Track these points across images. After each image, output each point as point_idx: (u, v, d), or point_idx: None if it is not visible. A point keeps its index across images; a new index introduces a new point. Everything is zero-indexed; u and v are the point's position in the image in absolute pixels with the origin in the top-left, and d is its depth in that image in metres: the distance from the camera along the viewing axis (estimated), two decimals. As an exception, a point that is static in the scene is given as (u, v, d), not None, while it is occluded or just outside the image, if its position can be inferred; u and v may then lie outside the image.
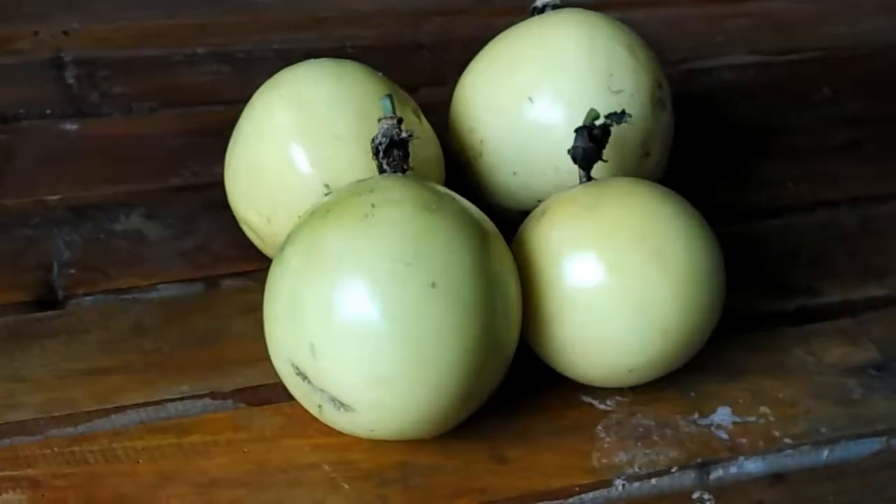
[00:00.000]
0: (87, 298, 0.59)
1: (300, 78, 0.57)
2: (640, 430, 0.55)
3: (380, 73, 0.58)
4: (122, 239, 0.62)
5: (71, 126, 0.70)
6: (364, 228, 0.48)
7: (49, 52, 0.76)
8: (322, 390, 0.49)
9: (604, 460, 0.53)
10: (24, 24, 0.77)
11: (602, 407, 0.56)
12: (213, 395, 0.54)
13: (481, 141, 0.61)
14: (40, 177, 0.66)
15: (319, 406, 0.50)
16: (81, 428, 0.53)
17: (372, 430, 0.50)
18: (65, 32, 0.77)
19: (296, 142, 0.55)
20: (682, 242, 0.52)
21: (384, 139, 0.52)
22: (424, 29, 0.82)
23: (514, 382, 0.56)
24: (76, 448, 0.51)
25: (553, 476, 0.52)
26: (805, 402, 0.57)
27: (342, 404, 0.49)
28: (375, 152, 0.52)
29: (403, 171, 0.52)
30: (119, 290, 0.59)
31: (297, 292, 0.49)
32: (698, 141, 0.74)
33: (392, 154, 0.52)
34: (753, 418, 0.56)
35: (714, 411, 0.56)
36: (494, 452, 0.53)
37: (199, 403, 0.54)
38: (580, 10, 0.62)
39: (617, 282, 0.52)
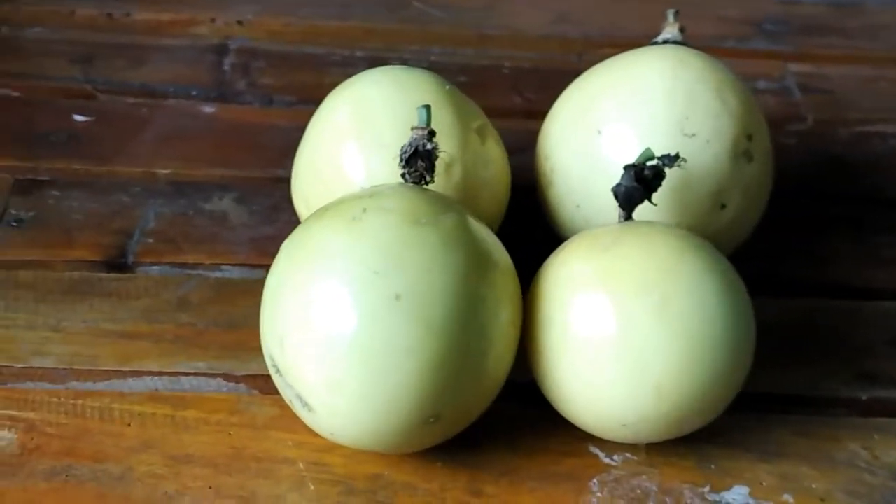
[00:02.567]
0: (153, 267, 0.61)
1: (366, 81, 0.58)
2: (638, 492, 0.52)
3: (448, 86, 0.57)
4: (206, 218, 0.65)
5: (209, 108, 0.73)
6: (347, 231, 0.48)
7: (219, 38, 0.79)
8: (290, 386, 0.49)
9: (585, 515, 0.51)
10: (206, 11, 0.81)
11: (606, 461, 0.53)
12: (225, 377, 0.55)
13: (552, 170, 0.59)
14: (161, 150, 0.69)
15: (291, 401, 0.50)
16: (98, 385, 0.55)
17: (332, 434, 0.49)
18: (239, 22, 0.81)
19: (345, 144, 0.56)
20: (693, 297, 0.49)
21: (409, 148, 0.51)
22: (587, 58, 0.79)
23: (523, 420, 0.54)
24: (79, 402, 0.54)
25: (524, 520, 0.50)
26: (839, 498, 0.52)
27: (305, 403, 0.49)
28: (400, 160, 0.52)
29: (426, 183, 0.52)
30: (185, 265, 0.62)
31: (277, 284, 0.49)
32: (840, 205, 0.69)
33: (415, 164, 0.51)
34: (771, 504, 0.51)
35: (729, 489, 0.52)
36: (474, 485, 0.51)
37: (211, 382, 0.55)
38: (682, 47, 0.60)
39: (614, 328, 0.49)
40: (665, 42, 0.62)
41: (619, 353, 0.48)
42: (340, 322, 0.47)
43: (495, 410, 0.54)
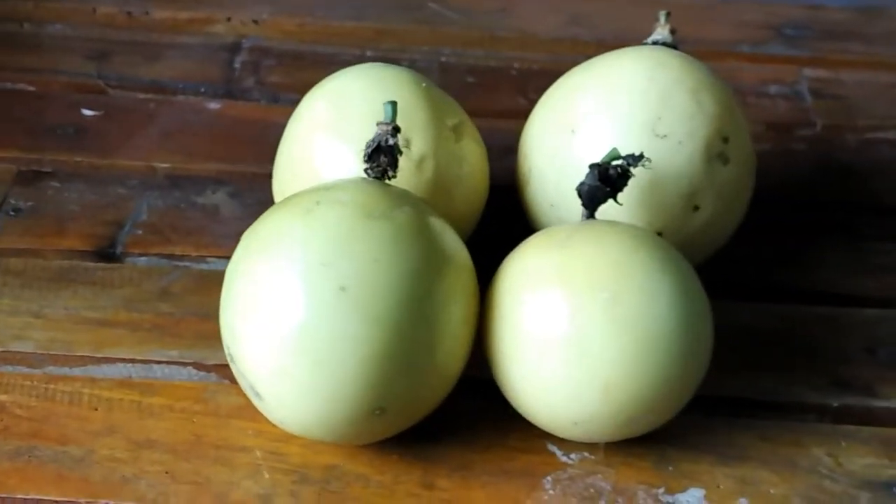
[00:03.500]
0: (141, 258, 0.63)
1: (343, 78, 0.58)
2: (591, 491, 0.51)
3: (425, 83, 0.58)
4: (198, 211, 0.66)
5: (214, 105, 0.74)
6: (299, 222, 0.49)
7: (233, 37, 0.81)
8: (242, 374, 0.50)
9: (534, 512, 0.51)
10: (223, 10, 0.83)
11: (563, 459, 0.53)
12: (196, 365, 0.56)
13: (529, 170, 0.59)
14: (163, 144, 0.71)
15: (246, 390, 0.51)
16: (74, 370, 0.56)
17: (282, 423, 0.50)
18: (255, 21, 0.82)
19: (319, 139, 0.57)
20: (644, 296, 0.48)
21: (373, 143, 0.52)
22: (597, 60, 0.80)
23: (485, 416, 0.54)
24: (51, 386, 0.55)
25: (473, 514, 0.50)
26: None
27: (256, 392, 0.49)
28: (364, 155, 0.52)
29: (388, 178, 0.52)
30: (171, 256, 0.63)
31: (231, 273, 0.50)
32: (838, 212, 0.68)
33: (377, 159, 0.52)
34: (724, 508, 0.51)
35: (684, 491, 0.52)
36: (427, 478, 0.52)
37: (182, 370, 0.56)
38: (664, 48, 0.59)
39: (563, 325, 0.49)
40: (654, 43, 0.62)
41: (567, 350, 0.48)
42: (287, 312, 0.47)
43: (457, 406, 0.54)
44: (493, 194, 0.61)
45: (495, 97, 0.76)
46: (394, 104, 0.52)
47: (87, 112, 0.73)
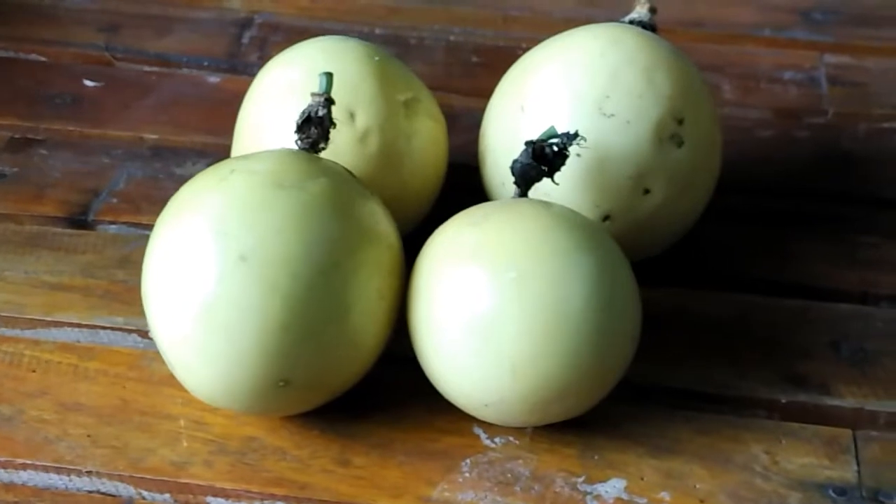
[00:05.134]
0: (111, 226, 0.63)
1: (296, 50, 0.58)
2: (508, 476, 0.50)
3: (377, 57, 0.57)
4: (176, 182, 0.66)
5: (213, 79, 0.75)
6: (210, 190, 0.49)
7: (246, 12, 0.81)
8: (154, 341, 0.50)
9: (446, 494, 0.49)
10: (241, -16, 0.83)
11: (487, 442, 0.52)
12: (140, 333, 0.57)
13: (486, 148, 0.58)
14: (155, 116, 0.71)
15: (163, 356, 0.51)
16: (25, 332, 0.57)
17: (193, 391, 0.50)
18: (271, -4, 0.82)
19: (265, 110, 0.56)
20: (553, 276, 0.47)
21: (303, 114, 0.52)
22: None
23: (416, 395, 0.53)
24: (-4, 346, 0.56)
25: (382, 493, 0.50)
26: (721, 500, 0.49)
27: (167, 359, 0.49)
28: (295, 126, 0.52)
29: (316, 150, 0.52)
30: (140, 225, 0.63)
31: (151, 239, 0.50)
32: (832, 202, 0.65)
33: (307, 130, 0.51)
34: (644, 501, 0.49)
35: (605, 481, 0.50)
36: (343, 455, 0.51)
37: (127, 337, 0.57)
38: (623, 24, 0.58)
39: (470, 304, 0.47)
40: (630, 22, 0.60)
41: (475, 330, 0.47)
42: (189, 280, 0.47)
43: (388, 383, 0.54)
44: (471, 173, 0.60)
45: (497, 77, 0.75)
46: (329, 75, 0.52)
47: (88, 83, 0.74)
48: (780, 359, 0.55)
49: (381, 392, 0.53)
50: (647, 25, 0.60)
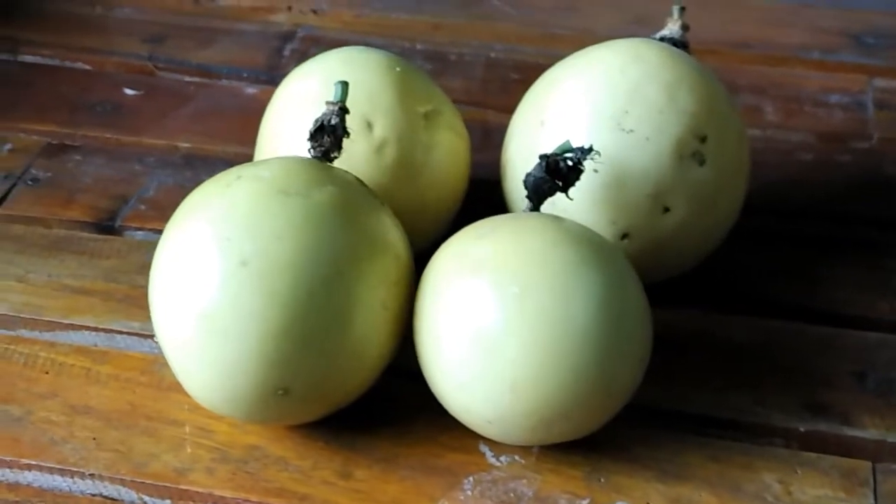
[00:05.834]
0: (137, 233, 0.64)
1: (318, 60, 0.58)
2: (510, 496, 0.49)
3: (399, 68, 0.57)
4: (203, 190, 0.66)
5: (252, 90, 0.75)
6: (215, 196, 0.48)
7: (290, 26, 0.81)
8: (159, 346, 0.50)
9: (445, 512, 0.49)
10: (286, -1, 0.84)
11: (492, 461, 0.51)
12: (155, 338, 0.57)
13: (507, 162, 0.57)
14: (191, 125, 0.72)
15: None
16: (44, 334, 0.57)
17: (195, 397, 0.50)
18: (314, 11, 0.82)
19: (284, 118, 0.56)
20: (556, 292, 0.46)
21: (317, 122, 0.51)
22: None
23: (424, 410, 0.53)
24: (11, 347, 0.56)
25: (381, 508, 0.49)
26: (728, 530, 0.48)
27: (169, 363, 0.49)
28: (308, 134, 0.52)
29: (329, 159, 0.51)
30: (165, 232, 0.63)
31: (159, 242, 0.50)
32: (868, 229, 0.63)
33: (320, 139, 0.51)
34: (648, 526, 0.48)
35: (610, 504, 0.49)
36: (345, 467, 0.51)
37: (142, 343, 0.57)
38: (648, 40, 0.57)
39: (473, 319, 0.47)
40: (661, 39, 0.59)
41: (477, 345, 0.46)
42: (191, 284, 0.47)
43: (395, 397, 0.53)
44: (495, 187, 0.59)
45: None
46: (344, 84, 0.52)
47: (129, 91, 0.75)
48: (801, 386, 0.54)
49: (387, 405, 0.53)
50: (679, 43, 0.59)
